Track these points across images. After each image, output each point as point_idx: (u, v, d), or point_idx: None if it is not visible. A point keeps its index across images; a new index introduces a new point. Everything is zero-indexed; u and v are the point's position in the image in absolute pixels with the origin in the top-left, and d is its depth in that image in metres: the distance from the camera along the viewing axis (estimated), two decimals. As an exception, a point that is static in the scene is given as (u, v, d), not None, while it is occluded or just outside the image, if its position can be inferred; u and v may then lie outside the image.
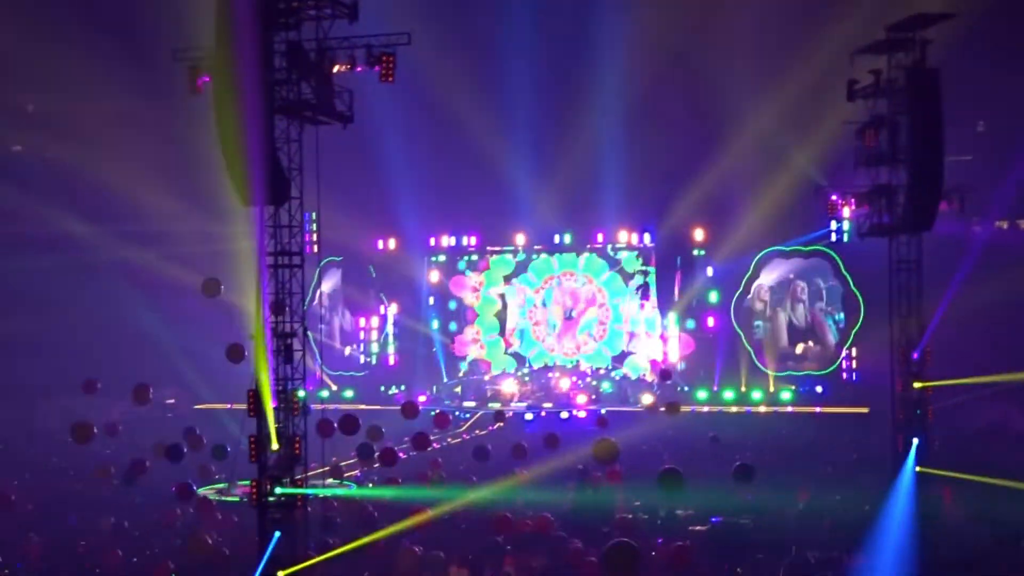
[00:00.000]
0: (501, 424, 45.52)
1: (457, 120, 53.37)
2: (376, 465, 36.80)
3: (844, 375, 54.71)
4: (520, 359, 60.78)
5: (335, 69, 23.10)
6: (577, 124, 53.08)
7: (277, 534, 22.49)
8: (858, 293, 53.58)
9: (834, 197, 34.46)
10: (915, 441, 30.63)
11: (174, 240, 54.56)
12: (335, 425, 34.05)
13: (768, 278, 55.86)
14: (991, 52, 45.25)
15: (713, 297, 56.85)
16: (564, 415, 53.83)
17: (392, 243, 61.38)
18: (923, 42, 30.04)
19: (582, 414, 53.76)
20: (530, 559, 26.59)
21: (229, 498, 35.06)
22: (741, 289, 56.04)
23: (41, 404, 51.58)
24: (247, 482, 24.95)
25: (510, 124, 53.39)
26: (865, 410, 47.37)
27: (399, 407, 41.13)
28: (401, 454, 38.13)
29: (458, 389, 59.39)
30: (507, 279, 61.07)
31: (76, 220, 52.69)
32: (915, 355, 30.91)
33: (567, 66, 53.40)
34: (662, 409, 38.38)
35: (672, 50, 50.27)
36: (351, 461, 37.55)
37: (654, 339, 58.43)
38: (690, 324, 57.46)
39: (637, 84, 51.53)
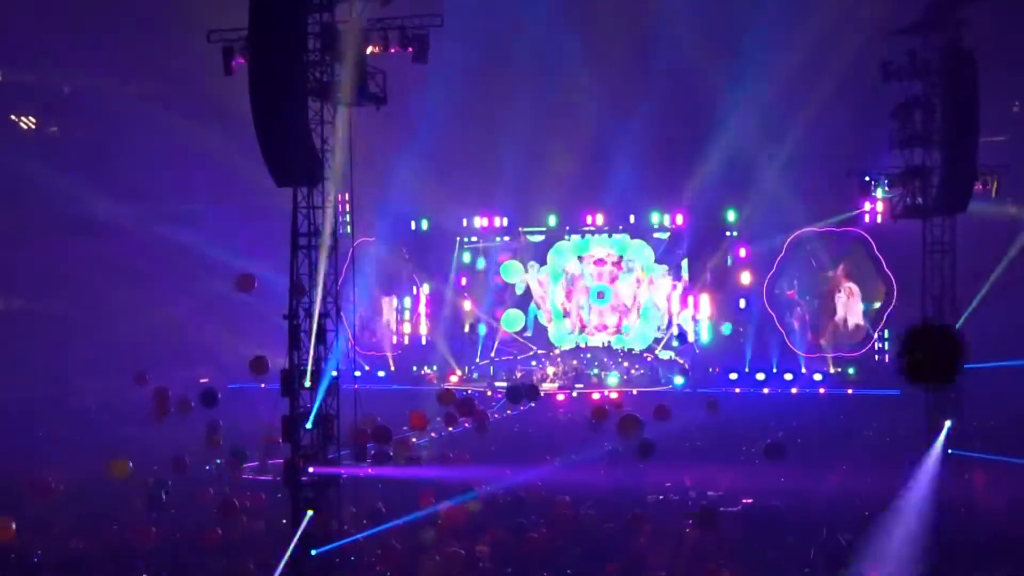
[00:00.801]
0: (532, 404, 45.22)
1: (489, 101, 53.46)
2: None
3: (876, 357, 54.52)
4: (548, 342, 60.72)
5: (368, 51, 23.19)
6: (609, 104, 52.98)
7: (310, 513, 22.66)
8: (891, 274, 53.37)
9: (867, 178, 34.41)
10: (947, 423, 30.61)
11: (212, 220, 54.84)
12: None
13: (802, 258, 55.68)
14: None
15: (745, 279, 56.70)
16: (596, 396, 53.92)
17: (424, 224, 61.47)
18: (959, 22, 29.91)
19: (614, 395, 53.84)
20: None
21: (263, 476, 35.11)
22: (774, 270, 55.89)
23: (76, 384, 51.96)
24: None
25: (542, 104, 53.37)
26: (897, 392, 47.20)
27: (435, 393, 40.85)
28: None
29: (491, 369, 59.53)
30: (539, 259, 60.94)
31: (113, 201, 52.93)
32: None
33: (600, 45, 53.21)
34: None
35: (707, 30, 50.16)
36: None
37: (687, 319, 58.32)
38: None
39: (668, 63, 51.36)
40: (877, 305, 54.70)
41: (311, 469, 22.73)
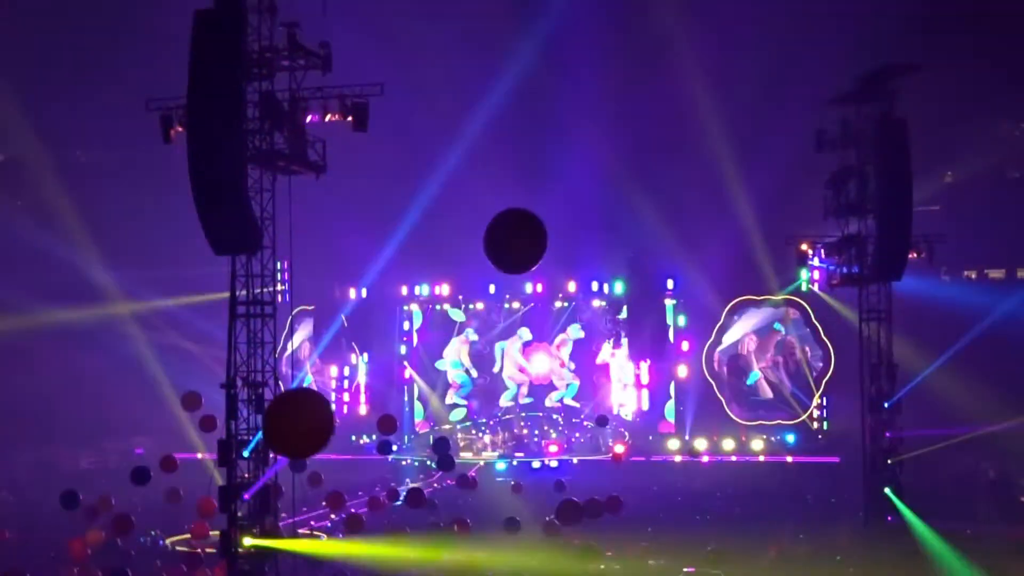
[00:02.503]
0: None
1: (428, 167, 53.52)
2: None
3: (815, 424, 54.76)
4: (488, 407, 60.41)
5: (308, 119, 23.23)
6: (549, 173, 53.19)
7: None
8: (828, 342, 53.76)
9: (804, 247, 34.81)
10: (886, 490, 30.80)
11: (155, 287, 54.30)
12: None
13: (741, 327, 55.97)
14: (958, 102, 45.77)
15: (684, 346, 56.89)
16: (536, 464, 53.72)
17: (364, 292, 61.25)
18: (891, 93, 30.43)
19: (554, 463, 53.70)
20: None
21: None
22: (712, 338, 56.13)
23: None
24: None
25: (481, 172, 53.52)
26: (836, 459, 47.46)
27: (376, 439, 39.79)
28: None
29: (431, 439, 59.03)
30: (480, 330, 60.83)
31: (46, 269, 52.25)
32: (886, 404, 31.13)
33: (542, 112, 53.60)
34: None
35: (643, 93, 50.69)
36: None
37: (629, 388, 58.30)
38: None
39: (606, 129, 51.78)
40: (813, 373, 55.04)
41: (247, 540, 22.43)
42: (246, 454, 22.69)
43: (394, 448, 41.19)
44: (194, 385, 37.44)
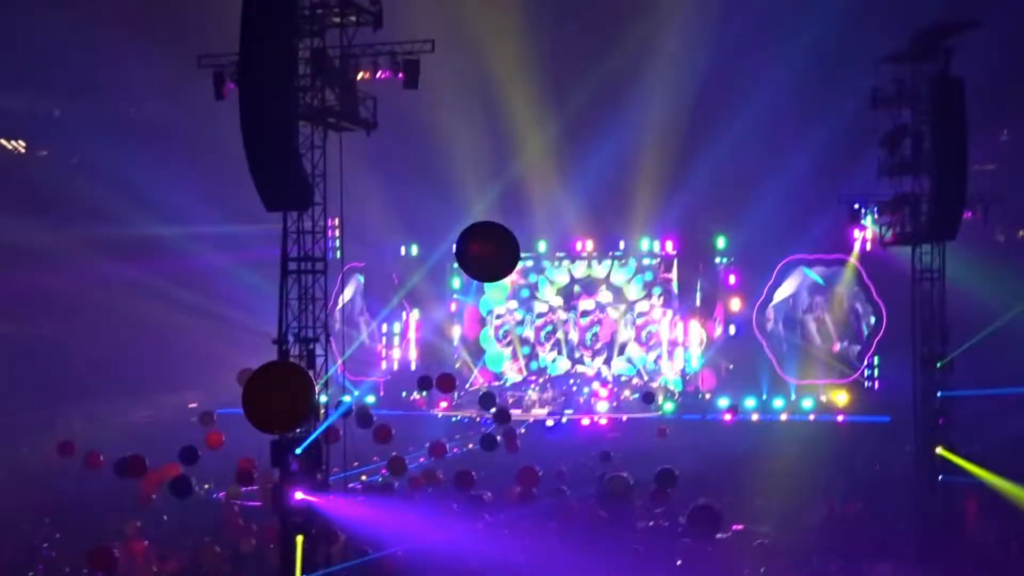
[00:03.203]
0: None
1: (480, 125, 53.48)
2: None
3: (866, 383, 54.52)
4: (540, 369, 60.59)
5: (359, 76, 23.27)
6: (601, 129, 53.08)
7: (300, 538, 22.61)
8: (880, 302, 53.43)
9: (857, 206, 34.54)
10: (938, 450, 30.65)
11: (202, 244, 54.81)
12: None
13: (792, 286, 55.73)
14: (1015, 58, 45.12)
15: (735, 305, 56.71)
16: (585, 422, 53.83)
17: (415, 249, 61.41)
18: (947, 51, 30.03)
19: (603, 421, 53.77)
20: None
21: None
22: (763, 297, 55.92)
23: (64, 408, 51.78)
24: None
25: (533, 129, 53.49)
26: (887, 419, 47.22)
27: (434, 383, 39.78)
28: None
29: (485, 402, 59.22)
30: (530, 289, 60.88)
31: (101, 225, 52.76)
32: (938, 365, 30.93)
33: (595, 69, 53.29)
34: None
35: (698, 57, 50.25)
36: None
37: (677, 347, 58.27)
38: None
39: (660, 90, 51.51)
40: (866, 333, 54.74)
41: (299, 495, 22.64)
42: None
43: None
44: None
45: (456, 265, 59.14)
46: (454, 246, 16.96)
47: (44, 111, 58.27)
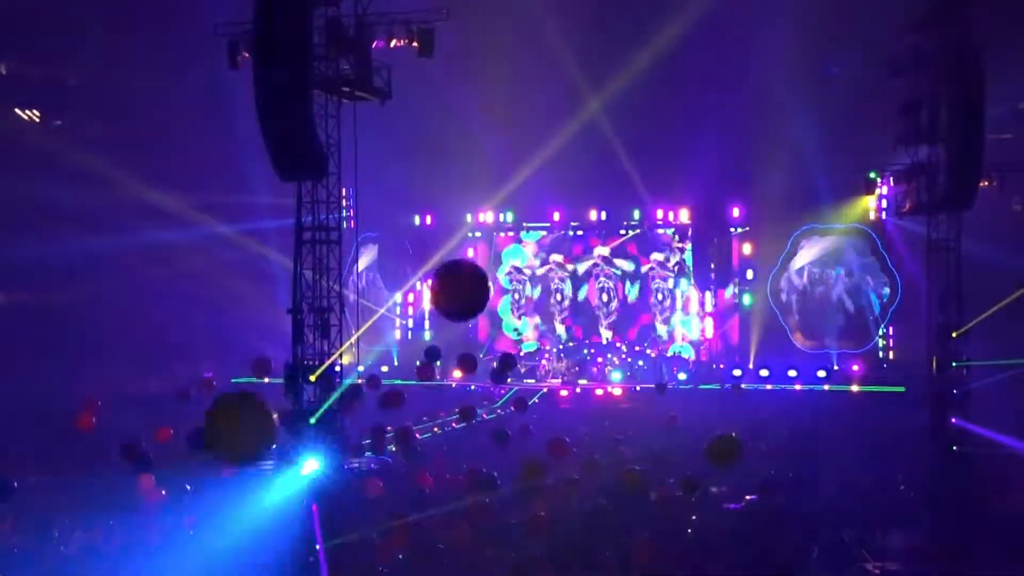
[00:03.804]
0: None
1: (494, 95, 53.34)
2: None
3: (881, 354, 54.44)
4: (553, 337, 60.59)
5: (373, 45, 23.20)
6: (613, 101, 52.85)
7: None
8: (895, 272, 53.30)
9: (873, 175, 34.43)
10: (952, 420, 30.64)
11: (217, 214, 54.76)
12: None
13: (807, 255, 55.61)
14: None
15: (749, 274, 56.63)
16: (599, 392, 53.85)
17: (429, 219, 61.38)
18: (966, 19, 29.85)
19: (617, 391, 53.76)
20: None
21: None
22: (778, 267, 55.82)
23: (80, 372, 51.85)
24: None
25: (547, 99, 53.27)
26: (902, 389, 47.15)
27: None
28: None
29: (494, 363, 59.25)
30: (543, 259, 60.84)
31: (114, 195, 52.75)
32: (953, 335, 30.86)
33: (610, 41, 53.06)
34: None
35: (709, 24, 49.95)
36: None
37: (691, 316, 58.25)
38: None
39: (673, 59, 51.21)
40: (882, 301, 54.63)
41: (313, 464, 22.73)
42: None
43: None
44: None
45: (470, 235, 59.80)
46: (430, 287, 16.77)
47: (59, 81, 58.15)
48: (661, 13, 50.75)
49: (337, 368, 23.37)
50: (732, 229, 57.01)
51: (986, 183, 31.86)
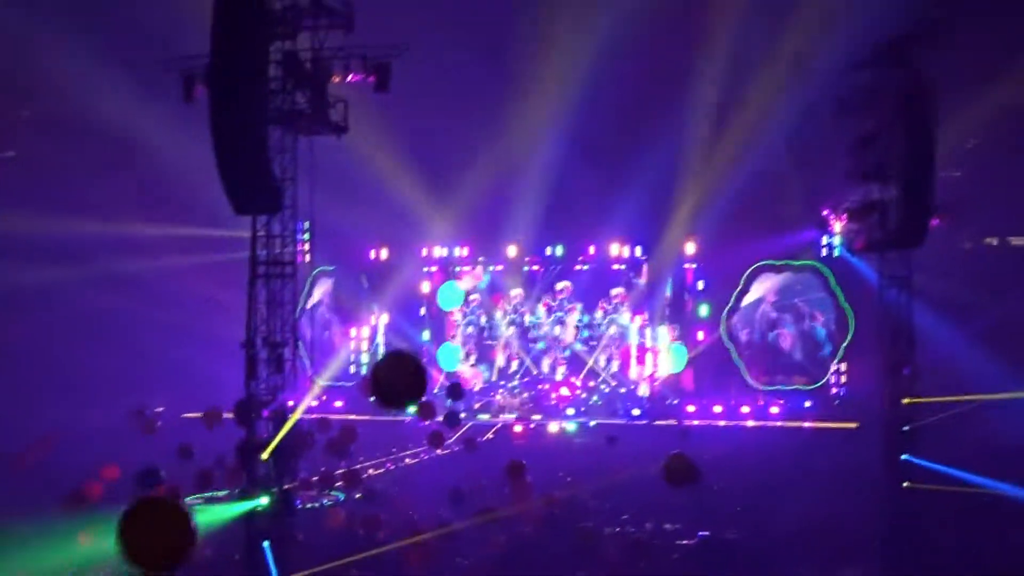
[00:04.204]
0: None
1: (450, 129, 53.49)
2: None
3: (833, 390, 54.72)
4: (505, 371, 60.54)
5: (330, 79, 23.21)
6: (569, 136, 53.05)
7: (266, 544, 22.52)
8: (848, 308, 53.65)
9: (825, 212, 34.73)
10: (903, 457, 30.80)
11: (169, 247, 54.48)
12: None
13: (760, 291, 55.88)
14: (984, 67, 45.38)
15: (703, 311, 56.83)
16: (553, 428, 53.85)
17: (384, 253, 61.32)
18: (915, 58, 30.19)
19: (570, 427, 53.81)
20: None
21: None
22: (731, 303, 56.07)
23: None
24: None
25: (502, 134, 53.43)
26: (854, 425, 47.41)
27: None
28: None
29: (448, 401, 59.18)
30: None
31: (71, 226, 52.38)
32: (905, 371, 31.06)
33: (565, 74, 53.31)
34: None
35: (663, 62, 50.32)
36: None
37: (646, 352, 58.33)
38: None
39: (624, 95, 51.57)
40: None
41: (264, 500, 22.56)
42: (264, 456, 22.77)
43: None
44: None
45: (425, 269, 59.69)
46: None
47: (11, 112, 57.86)
48: (615, 48, 51.10)
49: (290, 403, 23.24)
50: (686, 265, 57.23)
51: (937, 220, 32.17)
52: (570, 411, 56.45)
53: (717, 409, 54.04)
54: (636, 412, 55.03)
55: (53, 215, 50.79)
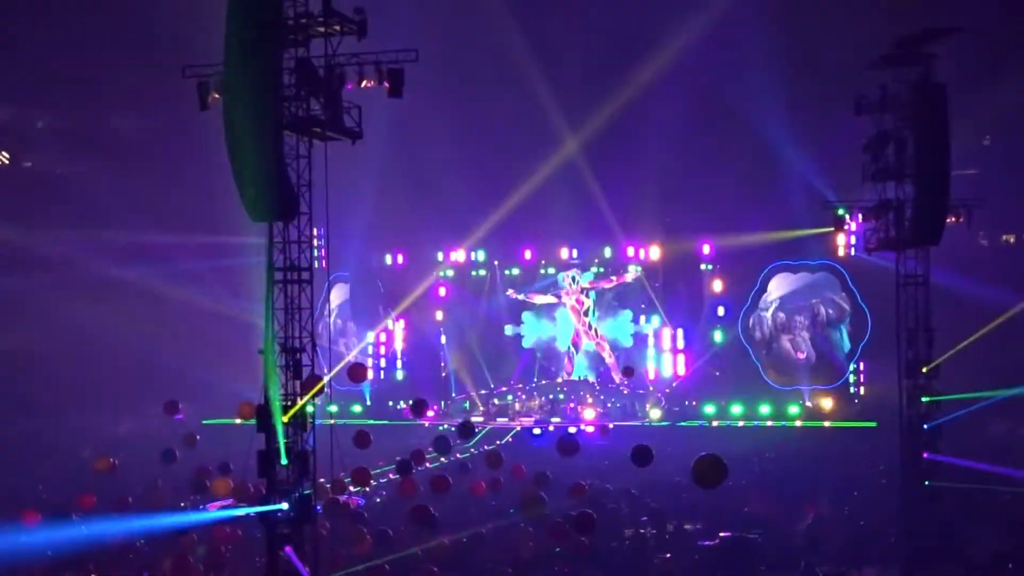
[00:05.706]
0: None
1: (465, 134, 53.64)
2: None
3: (852, 389, 54.60)
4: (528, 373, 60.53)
5: (343, 86, 23.22)
6: (586, 139, 53.14)
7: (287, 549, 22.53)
8: (865, 308, 53.52)
9: (841, 211, 34.65)
10: (924, 455, 30.71)
11: (187, 254, 54.72)
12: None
13: (777, 292, 55.79)
14: (997, 65, 45.33)
15: (720, 311, 56.76)
16: (572, 430, 53.78)
17: (400, 258, 61.40)
18: (930, 56, 30.15)
19: (590, 429, 53.73)
20: None
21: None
22: (749, 303, 56.00)
23: (50, 421, 51.55)
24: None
25: (519, 138, 53.52)
26: (873, 424, 47.32)
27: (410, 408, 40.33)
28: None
29: (467, 404, 59.36)
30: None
31: (86, 234, 52.66)
32: (923, 369, 30.98)
33: (577, 81, 53.43)
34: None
35: (680, 64, 50.37)
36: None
37: (664, 353, 58.28)
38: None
39: (641, 95, 51.58)
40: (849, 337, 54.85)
41: (285, 505, 22.58)
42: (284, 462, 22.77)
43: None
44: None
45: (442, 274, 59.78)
46: None
47: (28, 123, 58.27)
48: (635, 54, 51.22)
49: (309, 408, 23.25)
50: (702, 266, 57.19)
51: (953, 219, 32.08)
52: (588, 413, 56.38)
53: (736, 409, 53.95)
54: (656, 415, 55.04)
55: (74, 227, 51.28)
